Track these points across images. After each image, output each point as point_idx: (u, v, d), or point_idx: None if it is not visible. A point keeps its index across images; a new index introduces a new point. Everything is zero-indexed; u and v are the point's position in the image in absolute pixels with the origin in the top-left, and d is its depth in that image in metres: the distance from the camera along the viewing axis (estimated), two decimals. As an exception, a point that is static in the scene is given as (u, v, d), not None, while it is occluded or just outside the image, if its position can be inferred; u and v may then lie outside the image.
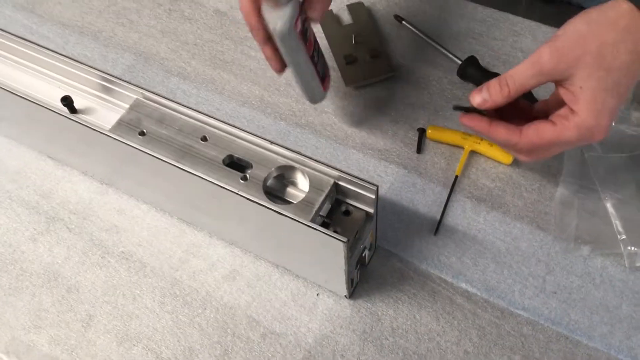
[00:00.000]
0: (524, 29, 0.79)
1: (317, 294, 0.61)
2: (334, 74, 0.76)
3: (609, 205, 0.63)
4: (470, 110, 0.58)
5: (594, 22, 0.51)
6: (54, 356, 0.59)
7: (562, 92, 0.53)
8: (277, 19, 0.56)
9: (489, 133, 0.57)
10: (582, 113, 0.52)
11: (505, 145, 0.58)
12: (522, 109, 0.60)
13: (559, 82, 0.53)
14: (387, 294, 0.61)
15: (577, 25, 0.52)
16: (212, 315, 0.61)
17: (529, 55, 0.76)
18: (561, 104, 0.54)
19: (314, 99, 0.67)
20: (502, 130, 0.56)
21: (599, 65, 0.50)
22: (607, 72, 0.50)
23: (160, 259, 0.64)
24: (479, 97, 0.56)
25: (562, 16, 0.78)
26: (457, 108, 0.59)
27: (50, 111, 0.58)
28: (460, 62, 0.74)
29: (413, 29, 0.79)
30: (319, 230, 0.50)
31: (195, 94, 0.76)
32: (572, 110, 0.53)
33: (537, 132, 0.54)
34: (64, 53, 0.63)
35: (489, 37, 0.78)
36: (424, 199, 0.66)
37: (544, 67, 0.52)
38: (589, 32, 0.51)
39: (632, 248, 0.61)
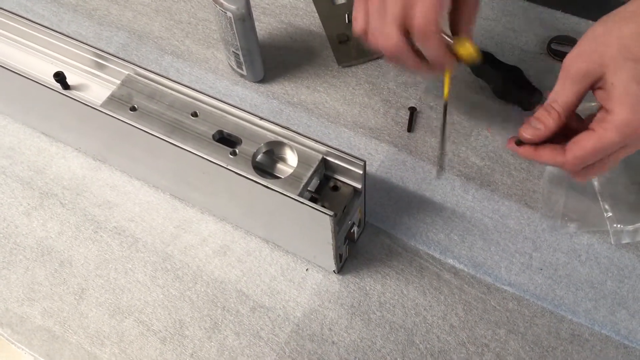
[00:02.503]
0: (516, 9, 0.79)
1: (307, 269, 0.62)
2: (327, 52, 0.77)
3: (596, 184, 0.64)
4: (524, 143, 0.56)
5: (610, 21, 0.51)
6: (47, 328, 0.60)
7: (598, 95, 0.51)
8: (235, 3, 0.64)
9: (535, 157, 0.56)
10: (617, 109, 0.49)
11: (555, 167, 0.56)
12: (575, 130, 0.55)
13: (594, 86, 0.52)
14: (375, 270, 0.62)
15: (594, 29, 0.51)
16: (202, 289, 0.61)
17: (521, 34, 0.77)
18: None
19: (257, 76, 0.75)
20: (547, 153, 0.54)
21: (625, 56, 0.49)
22: (636, 62, 0.48)
23: (152, 234, 0.65)
24: (530, 130, 0.54)
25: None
26: (518, 143, 0.57)
27: (43, 87, 0.59)
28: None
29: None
30: (306, 204, 0.51)
31: (188, 72, 0.77)
32: (607, 110, 0.50)
33: (578, 144, 0.52)
34: (59, 31, 0.63)
35: (482, 17, 0.78)
36: (414, 176, 0.67)
37: (574, 75, 0.51)
38: (607, 30, 0.50)
39: (618, 226, 0.61)
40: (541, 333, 0.58)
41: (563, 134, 0.54)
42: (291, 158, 0.57)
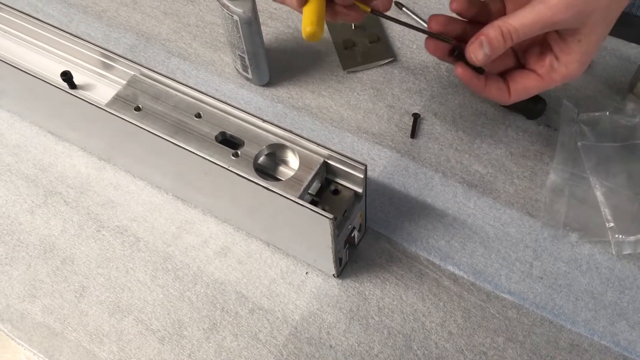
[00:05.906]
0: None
1: (306, 273, 0.62)
2: (333, 57, 0.77)
3: (599, 194, 0.64)
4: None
5: None
6: (47, 324, 0.60)
7: (553, 38, 0.52)
8: (242, 7, 0.65)
9: (482, 93, 0.57)
10: (572, 65, 0.52)
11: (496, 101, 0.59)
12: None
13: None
14: (375, 275, 0.62)
15: None
16: (202, 290, 0.62)
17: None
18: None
19: (262, 80, 0.75)
20: (494, 90, 0.57)
21: (604, 19, 0.50)
22: (607, 27, 0.50)
23: (154, 234, 0.65)
24: (481, 53, 0.52)
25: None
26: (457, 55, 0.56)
27: (49, 85, 0.60)
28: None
29: (413, 15, 0.79)
30: (306, 207, 0.51)
31: (194, 74, 0.77)
32: (557, 59, 0.53)
33: (525, 90, 0.56)
34: (67, 31, 0.64)
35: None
36: (416, 183, 0.67)
37: (556, 22, 0.50)
38: None
39: (620, 236, 0.61)
40: (540, 342, 0.57)
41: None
42: (293, 161, 0.57)
